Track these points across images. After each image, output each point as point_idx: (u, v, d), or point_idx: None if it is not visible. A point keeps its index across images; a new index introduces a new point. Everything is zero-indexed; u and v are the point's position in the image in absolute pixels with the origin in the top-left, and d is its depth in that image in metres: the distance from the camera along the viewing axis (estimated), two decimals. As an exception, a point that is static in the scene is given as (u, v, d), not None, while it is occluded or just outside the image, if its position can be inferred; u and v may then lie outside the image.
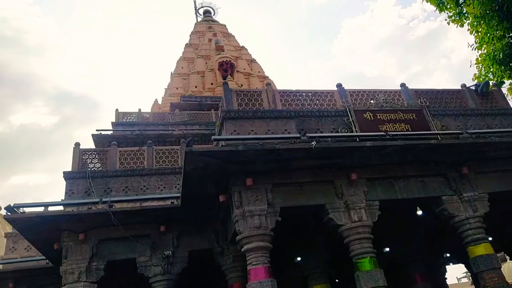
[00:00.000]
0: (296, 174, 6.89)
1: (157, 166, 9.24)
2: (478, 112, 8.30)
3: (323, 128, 7.42)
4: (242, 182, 6.53)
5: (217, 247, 7.96)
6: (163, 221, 7.87)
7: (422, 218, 8.46)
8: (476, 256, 6.92)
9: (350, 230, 6.66)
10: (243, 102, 7.52)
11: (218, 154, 6.18)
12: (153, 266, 7.60)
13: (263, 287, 5.74)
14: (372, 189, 7.11)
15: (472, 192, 7.30)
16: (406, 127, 7.58)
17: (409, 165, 7.38)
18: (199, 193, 7.32)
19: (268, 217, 6.42)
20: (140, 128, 15.48)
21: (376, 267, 6.34)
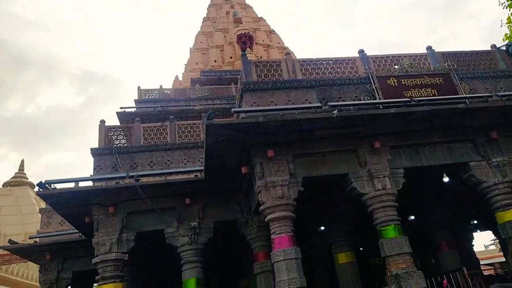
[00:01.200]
0: (318, 144, 6.83)
1: (179, 140, 9.36)
2: (508, 74, 7.87)
3: (345, 96, 7.26)
4: (264, 153, 6.54)
5: (241, 218, 8.12)
6: (188, 193, 8.06)
7: (448, 185, 8.27)
8: (505, 222, 6.77)
9: (373, 198, 6.61)
10: (262, 73, 7.41)
11: (239, 127, 6.18)
12: (181, 237, 7.87)
13: (287, 255, 5.83)
14: (396, 157, 6.98)
15: (501, 157, 7.05)
16: (433, 91, 7.30)
17: (436, 131, 7.17)
18: (221, 166, 7.40)
19: (290, 187, 6.44)
20: (162, 104, 15.66)
21: (401, 234, 6.31)
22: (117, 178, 8.06)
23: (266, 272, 7.43)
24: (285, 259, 5.82)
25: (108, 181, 8.26)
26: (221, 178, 7.92)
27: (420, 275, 5.98)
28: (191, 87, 17.72)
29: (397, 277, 5.92)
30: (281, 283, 5.69)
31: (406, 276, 5.87)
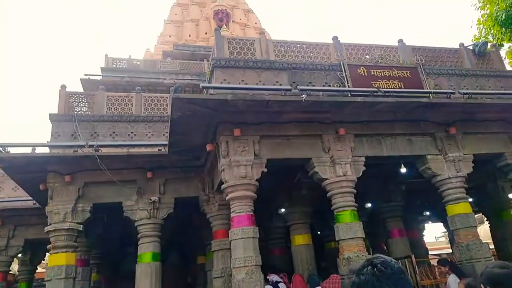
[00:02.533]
0: (285, 127, 6.85)
1: (145, 113, 9.08)
2: (472, 73, 8.18)
3: (316, 81, 7.27)
4: (230, 132, 6.48)
5: (203, 195, 8.08)
6: (150, 167, 7.91)
7: (405, 176, 8.61)
8: (454, 215, 7.14)
9: (334, 184, 6.76)
10: (234, 50, 7.27)
11: (206, 102, 6.06)
12: (139, 210, 7.74)
13: (245, 234, 5.88)
14: (359, 145, 7.13)
15: (457, 152, 7.38)
16: (400, 84, 7.46)
17: (398, 123, 7.37)
18: (186, 142, 7.29)
19: (254, 168, 6.45)
20: (130, 75, 15.11)
21: (356, 220, 6.52)
22: (76, 147, 7.74)
23: (224, 249, 7.48)
24: (242, 237, 5.87)
25: (66, 149, 7.93)
26: (185, 154, 7.82)
27: (371, 260, 6.22)
28: (163, 59, 17.20)
29: (349, 260, 6.14)
30: (237, 260, 5.76)
31: (357, 259, 6.10)
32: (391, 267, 1.18)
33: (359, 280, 1.20)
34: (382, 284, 1.15)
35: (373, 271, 1.18)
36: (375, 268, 1.18)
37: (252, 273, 5.64)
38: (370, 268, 1.20)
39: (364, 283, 1.17)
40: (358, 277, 1.21)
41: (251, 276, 5.61)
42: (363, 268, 1.22)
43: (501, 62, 8.73)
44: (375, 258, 1.25)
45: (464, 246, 6.83)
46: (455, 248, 7.19)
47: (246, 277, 5.61)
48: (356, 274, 1.22)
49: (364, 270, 1.20)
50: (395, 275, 1.16)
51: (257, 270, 5.75)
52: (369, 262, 1.24)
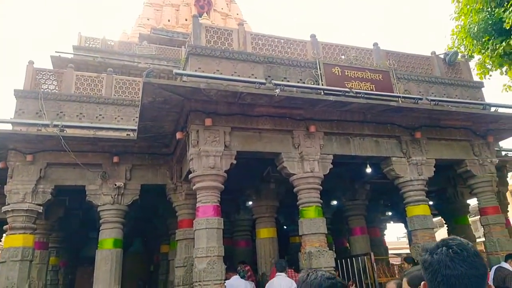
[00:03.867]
0: (257, 120, 6.86)
1: (116, 96, 8.83)
2: (441, 81, 8.48)
3: (291, 77, 7.31)
4: (201, 121, 6.43)
5: (171, 184, 7.99)
6: (117, 152, 7.72)
7: (370, 176, 8.86)
8: (413, 216, 7.42)
9: (301, 179, 6.86)
10: (212, 39, 7.18)
11: (178, 89, 5.97)
12: (103, 195, 7.56)
13: (209, 224, 5.87)
14: (328, 143, 7.25)
15: (420, 156, 7.65)
16: (371, 86, 7.63)
17: (367, 124, 7.55)
18: (156, 128, 7.18)
19: (223, 159, 6.43)
20: (103, 56, 14.64)
21: (320, 216, 6.65)
22: (40, 125, 7.45)
23: (188, 239, 7.44)
24: (207, 227, 5.86)
25: (29, 126, 7.61)
26: (154, 140, 7.70)
27: (331, 255, 6.39)
28: (139, 43, 16.76)
29: (310, 254, 6.27)
30: (199, 250, 5.75)
31: (318, 254, 6.23)
32: (466, 250, 1.17)
33: (431, 259, 1.19)
34: (456, 265, 1.14)
35: (448, 252, 1.18)
36: (450, 249, 1.17)
37: (214, 263, 5.65)
38: (445, 249, 1.19)
39: (436, 263, 1.17)
40: (431, 256, 1.20)
41: (212, 266, 5.62)
42: (437, 248, 1.21)
43: (469, 72, 9.08)
44: (451, 240, 1.23)
45: (420, 247, 7.12)
46: (412, 248, 7.48)
47: (207, 267, 5.62)
48: (430, 253, 1.21)
49: (439, 250, 1.19)
50: (470, 257, 1.15)
51: (219, 260, 5.76)
52: (444, 243, 1.22)
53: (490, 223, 7.95)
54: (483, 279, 1.15)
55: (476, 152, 8.24)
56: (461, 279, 1.12)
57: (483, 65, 9.53)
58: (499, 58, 8.94)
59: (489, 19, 8.44)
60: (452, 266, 1.14)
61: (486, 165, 8.19)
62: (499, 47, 8.38)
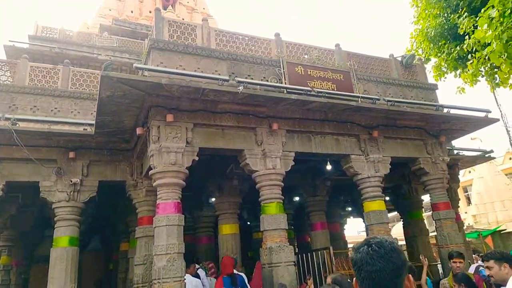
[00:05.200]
0: (220, 117, 6.84)
1: (73, 88, 8.47)
2: (398, 82, 8.84)
3: (254, 75, 7.35)
4: (163, 117, 6.32)
5: (131, 180, 7.81)
6: (73, 147, 7.44)
7: (331, 173, 9.11)
8: (370, 211, 7.72)
9: (263, 176, 6.93)
10: (175, 33, 7.06)
11: (139, 84, 5.84)
12: (58, 192, 7.26)
13: (170, 221, 5.80)
14: (290, 141, 7.37)
15: (377, 154, 7.95)
16: (333, 86, 7.83)
17: (328, 122, 7.74)
18: (115, 123, 6.98)
19: (185, 155, 6.37)
20: (61, 46, 13.99)
21: (281, 212, 6.76)
22: (-11, 118, 7.03)
23: (148, 236, 7.31)
24: (167, 224, 5.79)
25: (-23, 119, 7.15)
26: (113, 136, 7.49)
27: (291, 250, 6.52)
28: (99, 34, 16.15)
29: (270, 250, 6.36)
30: (159, 247, 5.67)
31: (278, 250, 6.34)
32: (384, 247, 1.28)
33: (356, 257, 1.31)
34: (375, 262, 1.25)
35: (368, 250, 1.29)
36: (370, 248, 1.29)
37: (174, 260, 5.60)
38: (366, 248, 1.30)
39: (359, 260, 1.28)
40: (355, 254, 1.32)
41: (172, 263, 5.57)
42: (360, 247, 1.32)
43: (425, 75, 9.53)
44: (372, 239, 1.34)
45: (375, 241, 7.41)
46: (368, 242, 7.77)
47: (167, 264, 5.56)
48: (355, 252, 1.32)
49: (361, 249, 1.30)
50: (387, 254, 1.26)
51: (179, 257, 5.71)
52: (366, 242, 1.34)
53: (441, 218, 8.42)
54: (400, 271, 1.26)
55: (429, 151, 8.68)
56: (380, 273, 1.24)
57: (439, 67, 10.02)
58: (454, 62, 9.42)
59: (445, 24, 8.87)
60: (371, 262, 1.26)
61: (438, 163, 8.65)
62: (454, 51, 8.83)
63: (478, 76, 8.96)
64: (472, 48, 7.27)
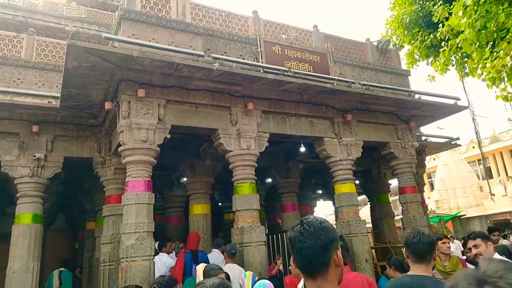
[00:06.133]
0: (194, 94, 6.65)
1: (37, 59, 7.96)
2: (373, 67, 8.90)
3: (230, 52, 7.16)
4: (134, 92, 6.06)
5: (98, 157, 7.52)
6: (37, 121, 7.05)
7: (304, 155, 9.16)
8: (341, 193, 7.84)
9: (237, 156, 6.84)
10: (148, 4, 6.72)
11: (108, 56, 5.53)
12: (21, 167, 6.89)
13: (139, 199, 5.64)
14: (265, 122, 7.30)
15: (350, 137, 8.03)
16: (309, 68, 7.76)
17: (304, 104, 7.71)
18: (83, 97, 6.64)
19: (156, 133, 6.16)
20: (25, 14, 13.10)
21: (254, 192, 6.73)
22: None
23: (116, 215, 7.11)
24: (136, 203, 5.62)
25: None
26: (80, 110, 7.15)
27: (262, 230, 6.54)
28: (67, 3, 15.25)
29: (242, 229, 6.35)
30: (127, 226, 5.52)
31: (249, 230, 6.34)
32: (313, 226, 1.41)
33: (290, 235, 1.43)
34: (305, 239, 1.38)
35: (300, 229, 1.41)
36: (302, 226, 1.41)
37: (143, 239, 5.47)
38: (299, 226, 1.42)
39: (293, 238, 1.41)
40: (290, 233, 1.44)
41: (141, 242, 5.44)
42: (295, 226, 1.44)
43: (399, 60, 9.64)
44: (304, 219, 1.46)
45: (345, 222, 7.57)
46: (338, 224, 7.93)
47: (136, 243, 5.42)
48: (290, 231, 1.45)
49: (295, 228, 1.42)
50: (316, 231, 1.39)
51: (148, 236, 5.59)
52: (299, 221, 1.45)
53: (407, 201, 8.69)
54: (327, 247, 1.39)
55: (400, 136, 8.87)
56: (309, 249, 1.37)
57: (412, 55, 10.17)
58: (426, 50, 9.56)
59: (420, 11, 8.94)
60: (302, 239, 1.39)
61: (407, 148, 8.86)
62: (427, 39, 8.93)
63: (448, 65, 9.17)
64: (445, 37, 7.38)
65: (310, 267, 1.39)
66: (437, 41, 8.81)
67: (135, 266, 5.34)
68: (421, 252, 2.34)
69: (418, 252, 2.35)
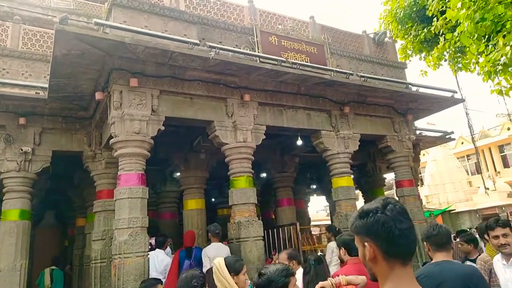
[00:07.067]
0: (189, 84, 6.42)
1: (24, 48, 7.62)
2: (370, 59, 8.77)
3: (226, 42, 6.94)
4: (126, 81, 5.81)
5: (89, 151, 7.23)
6: (24, 113, 6.74)
7: (299, 149, 9.00)
8: (338, 187, 7.71)
9: (233, 149, 6.64)
10: (141, -9, 6.45)
11: (99, 43, 5.26)
12: (7, 161, 6.57)
13: (132, 193, 5.40)
14: (262, 114, 7.11)
15: (348, 130, 7.90)
16: (306, 59, 7.60)
17: (301, 96, 7.54)
18: (72, 87, 6.36)
19: (150, 124, 5.93)
20: (12, 5, 12.68)
21: (251, 186, 6.55)
22: None
23: (107, 211, 6.85)
24: (129, 197, 5.38)
25: None
26: (70, 102, 6.87)
27: (260, 224, 6.36)
28: (54, -6, 14.79)
29: (239, 224, 6.17)
30: (120, 221, 5.28)
31: (247, 224, 6.16)
32: (404, 207, 1.33)
33: (386, 217, 1.27)
34: (406, 220, 1.28)
35: (396, 209, 1.29)
36: (397, 206, 1.30)
37: (137, 234, 5.25)
38: (392, 206, 1.30)
39: (391, 219, 1.27)
40: (384, 214, 1.28)
41: (135, 238, 5.22)
42: (385, 206, 1.30)
43: (395, 53, 9.52)
44: (389, 199, 1.35)
45: (343, 216, 7.44)
46: (335, 217, 7.80)
47: (129, 238, 5.19)
48: (382, 212, 1.28)
49: (389, 208, 1.29)
50: (408, 213, 1.31)
51: (142, 232, 5.36)
52: (385, 202, 1.32)
53: (405, 195, 8.61)
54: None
55: (396, 129, 8.77)
56: (412, 229, 1.28)
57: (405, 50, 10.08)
58: (419, 44, 9.46)
59: (414, 5, 8.82)
60: (404, 220, 1.27)
61: (404, 141, 8.77)
62: (421, 33, 8.83)
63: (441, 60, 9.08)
64: (439, 31, 7.27)
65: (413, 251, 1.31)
66: (431, 35, 8.71)
67: (128, 263, 5.12)
68: (441, 242, 2.57)
69: (439, 242, 2.57)
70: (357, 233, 1.33)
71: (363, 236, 1.30)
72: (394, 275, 1.25)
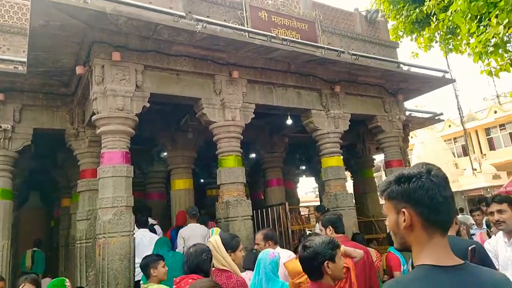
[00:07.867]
0: (175, 60, 6.18)
1: (1, 21, 7.25)
2: (361, 38, 8.60)
3: (214, 17, 6.65)
4: (108, 55, 5.54)
5: (71, 129, 6.98)
6: (3, 89, 6.43)
7: (289, 129, 8.88)
8: (328, 167, 7.63)
9: (221, 128, 6.48)
10: (122, -40, 6.10)
11: (79, 13, 4.97)
12: (-16, 139, 6.31)
13: (116, 172, 5.23)
14: (251, 92, 6.93)
15: (338, 110, 7.78)
16: (297, 36, 7.38)
17: (291, 74, 7.36)
18: (51, 62, 6.07)
19: (134, 101, 5.70)
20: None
21: (239, 165, 6.42)
22: None
23: (91, 190, 6.67)
24: (113, 175, 5.21)
25: None
26: (50, 77, 6.58)
27: (248, 204, 6.27)
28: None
29: (227, 203, 6.07)
30: (104, 200, 5.12)
31: (235, 204, 6.06)
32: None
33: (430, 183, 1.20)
34: (448, 188, 1.23)
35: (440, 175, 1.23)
36: (441, 173, 1.24)
37: (122, 214, 5.11)
38: (436, 172, 1.23)
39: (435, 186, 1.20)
40: (427, 181, 1.20)
41: (119, 217, 5.08)
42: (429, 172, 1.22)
43: (387, 32, 9.35)
44: (430, 165, 1.27)
45: (332, 195, 7.41)
46: (325, 197, 7.75)
47: (113, 218, 5.05)
48: (426, 177, 1.20)
49: (433, 173, 1.22)
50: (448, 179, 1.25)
51: (127, 211, 5.22)
52: (427, 169, 1.23)
53: (393, 175, 8.58)
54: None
55: (387, 109, 8.69)
56: (454, 198, 1.25)
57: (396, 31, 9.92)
58: (411, 25, 9.30)
59: (406, -15, 8.62)
60: (447, 187, 1.22)
61: (394, 121, 8.70)
62: (412, 13, 8.65)
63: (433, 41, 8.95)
64: (431, 11, 7.11)
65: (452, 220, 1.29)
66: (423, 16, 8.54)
67: (113, 243, 4.99)
68: None
69: None
70: (392, 198, 1.24)
71: (399, 202, 1.22)
72: (433, 244, 1.20)
